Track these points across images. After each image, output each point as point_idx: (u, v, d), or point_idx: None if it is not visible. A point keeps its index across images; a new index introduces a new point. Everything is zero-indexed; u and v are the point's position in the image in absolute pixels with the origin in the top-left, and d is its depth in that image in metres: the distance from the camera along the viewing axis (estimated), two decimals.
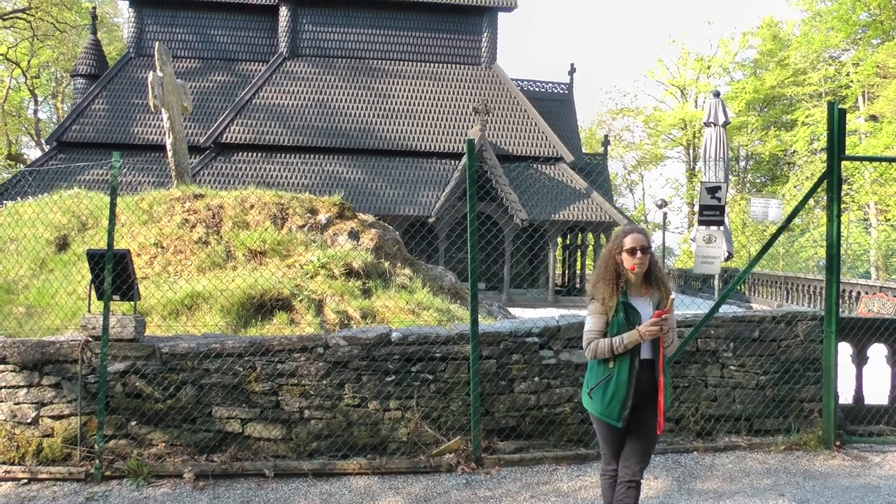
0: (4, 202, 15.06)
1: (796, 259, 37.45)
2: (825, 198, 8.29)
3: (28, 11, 42.05)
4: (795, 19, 55.43)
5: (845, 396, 8.69)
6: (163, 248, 10.99)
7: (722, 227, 8.99)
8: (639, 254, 4.87)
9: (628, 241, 4.91)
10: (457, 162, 32.05)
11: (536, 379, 7.64)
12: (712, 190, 8.58)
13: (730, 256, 16.95)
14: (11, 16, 43.21)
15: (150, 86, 14.12)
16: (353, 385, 7.38)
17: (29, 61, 47.87)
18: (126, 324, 7.28)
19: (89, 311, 7.48)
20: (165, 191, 12.68)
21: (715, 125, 16.99)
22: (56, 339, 7.36)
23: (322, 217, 11.72)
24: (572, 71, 40.65)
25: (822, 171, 8.38)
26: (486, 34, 34.97)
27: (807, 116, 47.37)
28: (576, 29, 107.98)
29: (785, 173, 53.88)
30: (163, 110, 14.49)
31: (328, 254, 10.67)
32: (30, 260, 11.13)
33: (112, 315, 7.25)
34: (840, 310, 8.62)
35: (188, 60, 34.16)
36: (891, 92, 38.20)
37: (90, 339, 7.25)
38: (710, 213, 8.64)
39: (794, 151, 49.21)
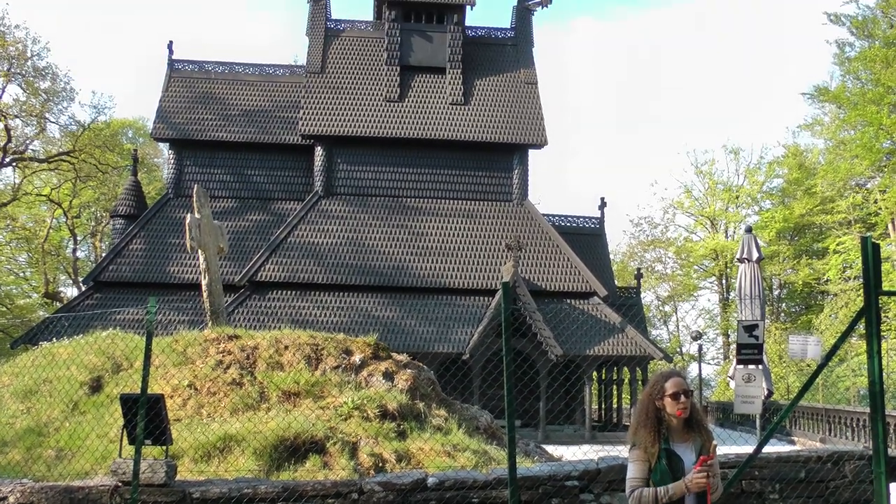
0: (40, 343, 15.19)
1: (834, 391, 36.64)
2: (862, 327, 8.12)
3: (72, 154, 43.29)
4: (820, 148, 56.04)
5: None
6: (196, 389, 10.96)
7: (761, 366, 8.86)
8: (682, 398, 4.78)
9: (670, 386, 4.82)
10: (490, 299, 32.02)
11: None
12: (750, 328, 8.48)
13: (770, 394, 16.61)
14: (56, 158, 44.52)
15: (187, 228, 14.25)
16: None
17: (71, 202, 48.84)
18: (157, 469, 7.19)
19: (120, 455, 7.42)
20: (200, 332, 12.74)
21: (749, 261, 16.95)
22: (85, 484, 7.29)
23: (356, 358, 11.69)
24: (602, 205, 41.05)
25: (858, 303, 8.28)
26: (517, 171, 35.50)
27: (837, 244, 47.24)
28: (605, 160, 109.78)
29: (819, 302, 53.34)
30: (199, 252, 14.60)
31: (362, 395, 10.60)
32: (63, 402, 11.13)
33: (143, 459, 7.17)
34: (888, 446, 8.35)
35: (225, 200, 34.88)
36: None
37: (120, 483, 7.17)
38: (749, 351, 8.53)
39: (828, 280, 48.85)
